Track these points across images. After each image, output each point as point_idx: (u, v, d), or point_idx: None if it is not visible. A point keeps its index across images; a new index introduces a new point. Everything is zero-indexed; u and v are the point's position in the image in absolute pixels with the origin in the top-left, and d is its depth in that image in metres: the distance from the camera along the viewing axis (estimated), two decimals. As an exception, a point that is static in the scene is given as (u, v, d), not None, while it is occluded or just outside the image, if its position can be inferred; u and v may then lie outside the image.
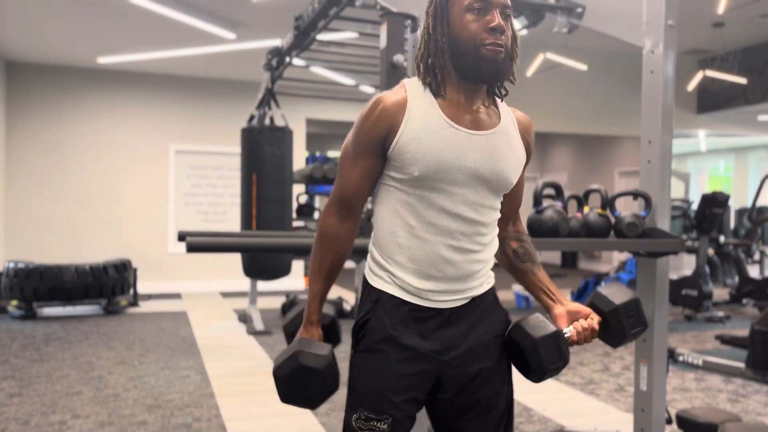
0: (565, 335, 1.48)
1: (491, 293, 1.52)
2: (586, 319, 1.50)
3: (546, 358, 1.44)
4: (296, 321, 1.62)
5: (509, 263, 1.62)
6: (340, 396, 1.52)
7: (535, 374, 1.48)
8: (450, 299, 1.44)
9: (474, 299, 1.47)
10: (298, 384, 1.46)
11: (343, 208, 1.48)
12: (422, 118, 1.39)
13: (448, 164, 1.38)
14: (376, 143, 1.41)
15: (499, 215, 1.50)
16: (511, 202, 1.58)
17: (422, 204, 1.41)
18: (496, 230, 1.51)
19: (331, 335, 1.60)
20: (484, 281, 1.50)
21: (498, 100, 1.50)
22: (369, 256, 1.51)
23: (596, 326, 1.50)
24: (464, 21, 1.38)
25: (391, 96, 1.42)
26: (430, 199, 1.40)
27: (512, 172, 1.47)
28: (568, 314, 1.52)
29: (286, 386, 1.47)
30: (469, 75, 1.41)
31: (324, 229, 1.49)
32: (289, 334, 1.63)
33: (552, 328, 1.46)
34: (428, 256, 1.41)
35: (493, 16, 1.37)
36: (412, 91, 1.43)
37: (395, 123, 1.39)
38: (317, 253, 1.50)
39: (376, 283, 1.47)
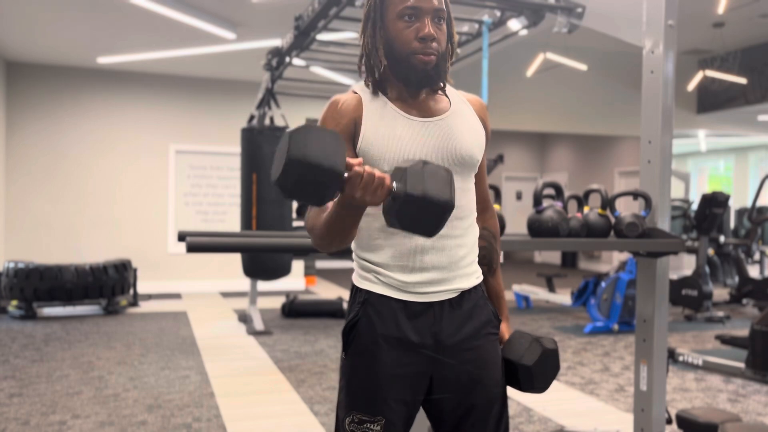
0: None
1: (481, 289, 1.51)
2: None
3: (541, 380, 1.53)
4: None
5: None
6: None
7: (537, 390, 1.55)
8: (439, 290, 1.43)
9: (464, 293, 1.46)
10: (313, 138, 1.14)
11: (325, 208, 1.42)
12: (378, 114, 1.42)
13: (412, 155, 1.39)
14: (345, 136, 1.41)
15: (473, 197, 1.51)
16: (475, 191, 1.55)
17: None
18: (474, 214, 1.51)
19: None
20: (471, 273, 1.48)
21: (447, 86, 1.50)
22: (354, 261, 1.51)
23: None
24: (397, 28, 1.40)
25: (345, 96, 1.45)
26: None
27: (475, 148, 1.47)
28: None
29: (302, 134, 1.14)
30: (401, 80, 1.43)
31: (313, 215, 1.38)
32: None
33: (539, 349, 1.52)
34: (409, 250, 1.41)
35: (423, 24, 1.38)
36: (362, 92, 1.47)
37: (358, 116, 1.42)
38: (316, 218, 1.35)
39: (362, 284, 1.46)
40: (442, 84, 1.47)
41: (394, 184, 1.19)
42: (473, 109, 1.53)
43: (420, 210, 1.18)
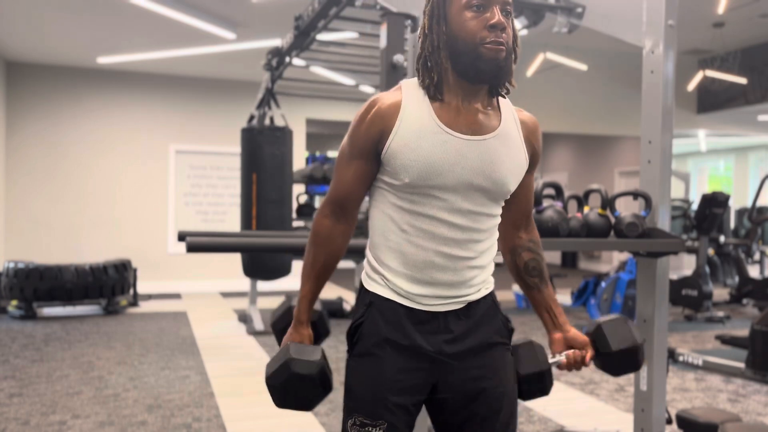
0: (558, 360, 1.56)
1: (490, 298, 1.48)
2: (581, 350, 1.57)
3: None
4: (285, 318, 1.65)
5: (518, 273, 1.59)
6: (341, 396, 1.51)
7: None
8: (444, 303, 1.41)
9: (470, 304, 1.44)
10: (292, 391, 1.47)
11: (337, 209, 1.46)
12: (415, 123, 1.36)
13: (439, 172, 1.34)
14: (370, 146, 1.39)
15: (497, 221, 1.47)
16: (519, 208, 1.54)
17: (414, 210, 1.38)
18: (495, 236, 1.47)
19: (320, 330, 1.63)
20: (481, 287, 1.46)
21: (502, 100, 1.45)
22: (366, 259, 1.50)
23: (588, 360, 1.57)
24: (463, 19, 1.33)
25: (386, 98, 1.39)
26: (422, 205, 1.38)
27: (510, 178, 1.42)
28: (565, 341, 1.58)
29: (280, 393, 1.49)
30: (468, 75, 1.36)
31: (318, 229, 1.48)
32: (278, 331, 1.65)
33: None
34: (420, 262, 1.39)
35: (493, 13, 1.32)
36: (408, 93, 1.39)
37: (387, 126, 1.36)
38: (310, 252, 1.49)
39: (370, 286, 1.45)
40: (507, 86, 1.41)
41: None
42: (522, 132, 1.45)
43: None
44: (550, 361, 1.55)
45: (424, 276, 1.40)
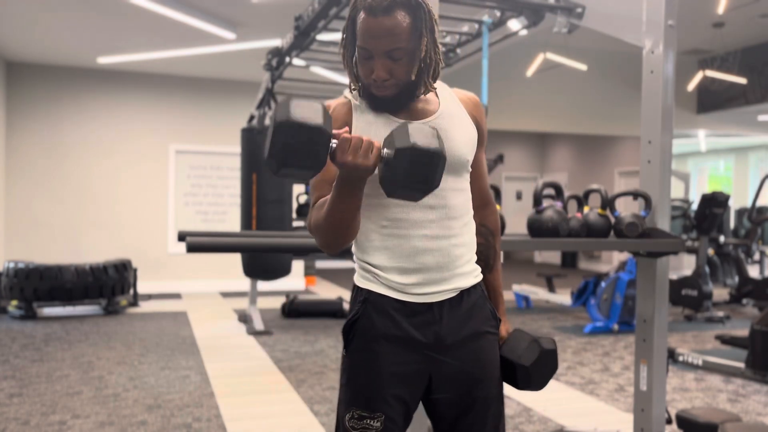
0: None
1: (480, 288, 1.52)
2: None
3: (538, 379, 1.56)
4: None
5: None
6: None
7: (533, 389, 1.59)
8: (436, 291, 1.44)
9: (462, 293, 1.47)
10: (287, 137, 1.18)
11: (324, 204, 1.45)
12: (367, 120, 1.44)
13: None
14: None
15: (468, 195, 1.51)
16: (472, 186, 1.56)
17: (387, 202, 1.42)
18: (471, 211, 1.51)
19: None
20: (470, 272, 1.49)
21: (438, 85, 1.50)
22: (355, 262, 1.53)
23: None
24: (359, 58, 1.40)
25: (337, 102, 1.49)
26: None
27: (464, 148, 1.47)
28: None
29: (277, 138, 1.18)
30: (372, 103, 1.45)
31: (314, 213, 1.43)
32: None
33: (537, 349, 1.54)
34: (406, 251, 1.43)
35: (375, 65, 1.37)
36: (351, 97, 1.49)
37: (348, 120, 1.45)
38: (317, 214, 1.39)
39: (362, 283, 1.48)
40: (427, 88, 1.45)
41: (384, 150, 1.24)
42: (465, 108, 1.52)
43: (413, 164, 1.21)
44: None
45: (413, 264, 1.43)
